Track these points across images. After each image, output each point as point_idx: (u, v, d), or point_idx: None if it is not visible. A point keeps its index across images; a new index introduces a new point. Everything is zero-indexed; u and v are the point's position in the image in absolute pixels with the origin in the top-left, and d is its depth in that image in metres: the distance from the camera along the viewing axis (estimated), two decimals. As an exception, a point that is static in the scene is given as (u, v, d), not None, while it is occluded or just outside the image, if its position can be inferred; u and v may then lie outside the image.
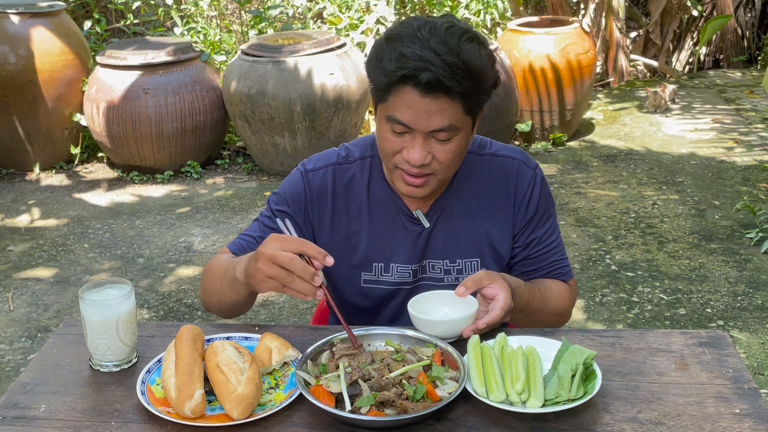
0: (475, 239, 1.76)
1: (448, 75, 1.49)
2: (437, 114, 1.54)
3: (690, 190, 4.77)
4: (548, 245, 1.80)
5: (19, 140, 5.21)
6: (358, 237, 1.76)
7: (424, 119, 1.54)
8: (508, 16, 6.61)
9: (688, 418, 1.37)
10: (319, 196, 1.76)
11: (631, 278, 3.77)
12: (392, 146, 1.61)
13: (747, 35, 7.48)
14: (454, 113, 1.55)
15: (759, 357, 3.14)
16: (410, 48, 1.50)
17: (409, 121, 1.55)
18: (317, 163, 1.79)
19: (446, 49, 1.49)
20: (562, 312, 1.81)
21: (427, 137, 1.57)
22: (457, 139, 1.59)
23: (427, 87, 1.50)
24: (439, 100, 1.52)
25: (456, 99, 1.53)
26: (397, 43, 1.53)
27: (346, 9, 6.27)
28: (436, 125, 1.55)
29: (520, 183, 1.75)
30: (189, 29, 6.14)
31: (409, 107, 1.54)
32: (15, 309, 3.66)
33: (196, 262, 4.07)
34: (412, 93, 1.52)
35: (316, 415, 1.39)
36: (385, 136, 1.61)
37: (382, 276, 1.78)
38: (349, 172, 1.77)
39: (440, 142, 1.58)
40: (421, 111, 1.53)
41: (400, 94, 1.54)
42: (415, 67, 1.49)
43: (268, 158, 5.15)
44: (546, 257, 1.80)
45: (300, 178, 1.78)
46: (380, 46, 1.56)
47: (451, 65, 1.49)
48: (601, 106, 6.36)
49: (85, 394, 1.48)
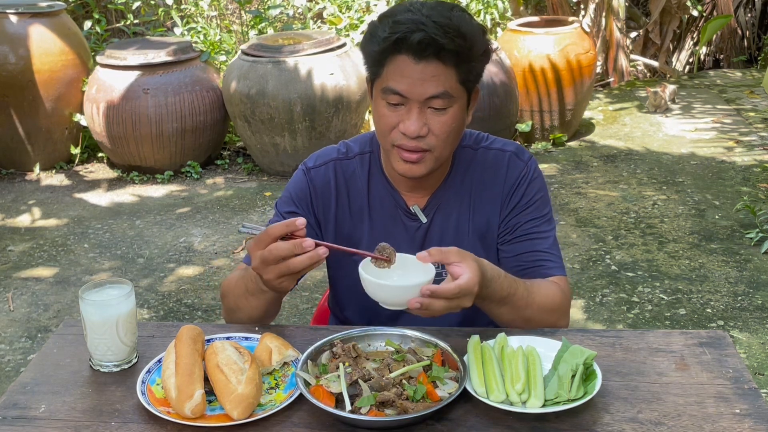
0: (471, 232, 1.75)
1: (440, 33, 1.52)
2: (432, 80, 1.55)
3: (690, 190, 4.77)
4: (532, 233, 1.73)
5: (19, 140, 5.21)
6: (359, 233, 1.76)
7: (419, 86, 1.56)
8: (508, 16, 6.61)
9: (688, 418, 1.37)
10: (323, 192, 1.77)
11: (631, 278, 3.77)
12: (388, 121, 1.61)
13: (747, 35, 7.48)
14: (449, 80, 1.56)
15: (759, 357, 3.14)
16: (404, 16, 1.56)
17: (404, 89, 1.56)
18: (318, 160, 1.79)
19: (437, 14, 1.54)
20: (555, 309, 1.70)
21: (423, 108, 1.58)
22: (452, 111, 1.60)
23: (419, 48, 1.52)
24: (433, 65, 1.54)
25: (449, 64, 1.55)
26: (391, 16, 1.58)
27: (346, 9, 6.28)
28: (431, 91, 1.56)
29: (510, 174, 1.74)
30: (189, 29, 6.15)
31: (403, 75, 1.56)
32: (15, 309, 3.66)
33: (196, 262, 4.07)
34: (406, 60, 1.55)
35: (316, 415, 1.39)
36: (381, 112, 1.62)
37: None
38: (349, 167, 1.78)
39: (436, 112, 1.59)
40: (415, 78, 1.55)
41: (394, 63, 1.56)
42: (407, 30, 1.53)
43: (268, 158, 5.15)
44: (528, 245, 1.73)
45: (303, 176, 1.78)
46: (373, 23, 1.62)
47: (442, 25, 1.52)
48: (601, 106, 6.36)
49: (85, 394, 1.48)
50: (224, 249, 4.19)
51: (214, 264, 4.03)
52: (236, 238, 4.30)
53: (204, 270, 3.97)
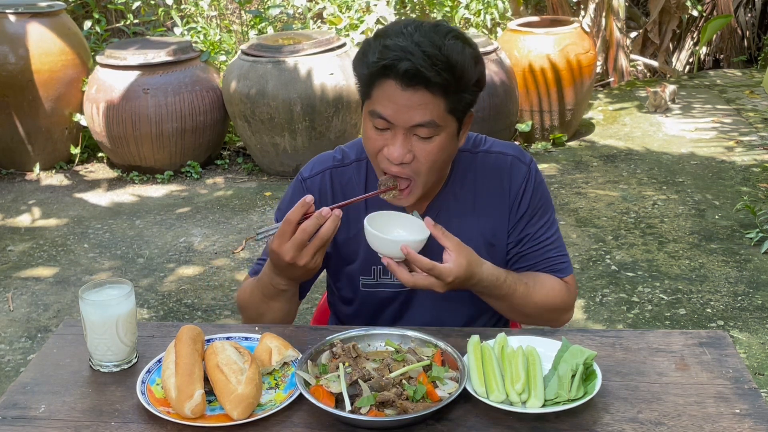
0: (473, 238, 1.74)
1: (427, 65, 1.49)
2: (418, 108, 1.53)
3: (690, 190, 4.77)
4: (542, 242, 1.77)
5: (19, 140, 5.21)
6: (357, 240, 1.76)
7: (404, 113, 1.54)
8: (508, 16, 6.61)
9: (688, 418, 1.37)
10: (320, 201, 1.75)
11: (631, 278, 3.77)
12: (374, 144, 1.60)
13: (747, 35, 7.48)
14: (436, 109, 1.54)
15: (759, 357, 3.14)
16: (394, 41, 1.52)
17: (389, 115, 1.55)
18: (314, 169, 1.79)
19: (428, 42, 1.51)
20: (556, 307, 1.76)
21: (408, 134, 1.57)
22: (439, 139, 1.58)
23: (405, 77, 1.50)
24: (420, 93, 1.52)
25: (437, 94, 1.53)
26: (383, 38, 1.55)
27: (346, 9, 6.28)
28: (417, 120, 1.54)
29: (514, 179, 1.74)
30: (189, 29, 6.14)
31: (390, 100, 1.54)
32: (15, 309, 3.66)
33: (196, 262, 4.07)
34: (393, 86, 1.53)
35: (316, 415, 1.39)
36: (368, 135, 1.62)
37: (382, 279, 1.77)
38: (345, 175, 1.77)
39: (422, 140, 1.57)
40: (401, 104, 1.53)
41: (382, 88, 1.54)
42: (395, 57, 1.50)
43: (268, 158, 5.15)
44: (539, 254, 1.77)
45: (299, 187, 1.78)
46: (368, 42, 1.59)
47: (431, 56, 1.49)
48: (601, 106, 6.36)
49: (85, 394, 1.48)
50: (224, 249, 4.19)
51: (214, 264, 4.03)
52: (236, 238, 4.31)
53: (204, 270, 3.97)
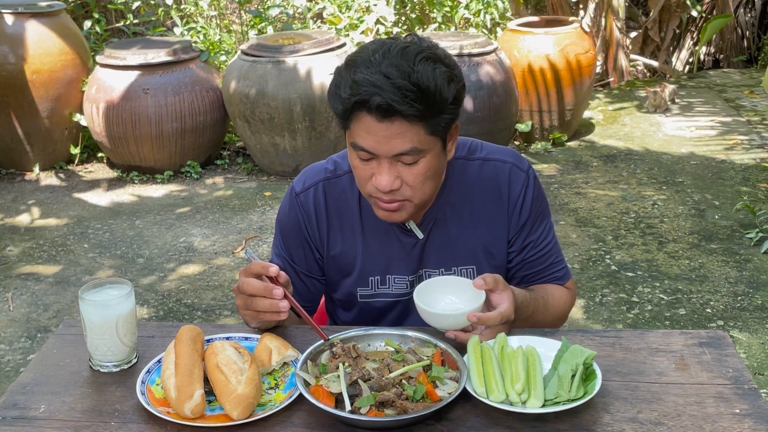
0: (470, 246, 1.74)
1: (398, 98, 1.45)
2: (397, 138, 1.50)
3: (690, 190, 4.77)
4: (543, 248, 1.78)
5: (18, 140, 5.21)
6: (353, 252, 1.75)
7: (385, 144, 1.51)
8: (508, 16, 6.61)
9: (688, 418, 1.37)
10: (315, 215, 1.75)
11: (631, 278, 3.77)
12: (362, 174, 1.59)
13: (747, 35, 7.48)
14: (416, 135, 1.51)
15: (759, 357, 3.14)
16: (363, 74, 1.48)
17: (370, 147, 1.53)
18: (306, 182, 1.77)
19: (397, 72, 1.46)
20: (563, 316, 1.82)
21: (393, 162, 1.55)
22: (424, 161, 1.55)
23: (379, 112, 1.47)
24: (397, 123, 1.49)
25: (414, 121, 1.49)
26: (353, 69, 1.51)
27: (346, 9, 6.28)
28: (398, 149, 1.52)
29: (512, 187, 1.72)
30: (189, 29, 6.14)
31: (368, 132, 1.51)
32: (15, 309, 3.66)
33: (196, 262, 4.07)
34: (369, 119, 1.50)
35: (316, 416, 1.39)
36: (355, 164, 1.60)
37: (379, 289, 1.76)
38: (338, 186, 1.75)
39: (407, 165, 1.55)
40: (380, 136, 1.51)
41: (359, 121, 1.52)
42: (365, 93, 1.47)
43: (267, 158, 5.15)
44: (542, 261, 1.78)
45: (293, 203, 1.76)
46: (339, 72, 1.55)
47: (401, 88, 1.45)
48: (601, 106, 6.36)
49: (85, 395, 1.48)
50: (224, 249, 4.19)
51: (214, 264, 4.03)
52: (236, 238, 4.31)
53: (204, 270, 3.97)
